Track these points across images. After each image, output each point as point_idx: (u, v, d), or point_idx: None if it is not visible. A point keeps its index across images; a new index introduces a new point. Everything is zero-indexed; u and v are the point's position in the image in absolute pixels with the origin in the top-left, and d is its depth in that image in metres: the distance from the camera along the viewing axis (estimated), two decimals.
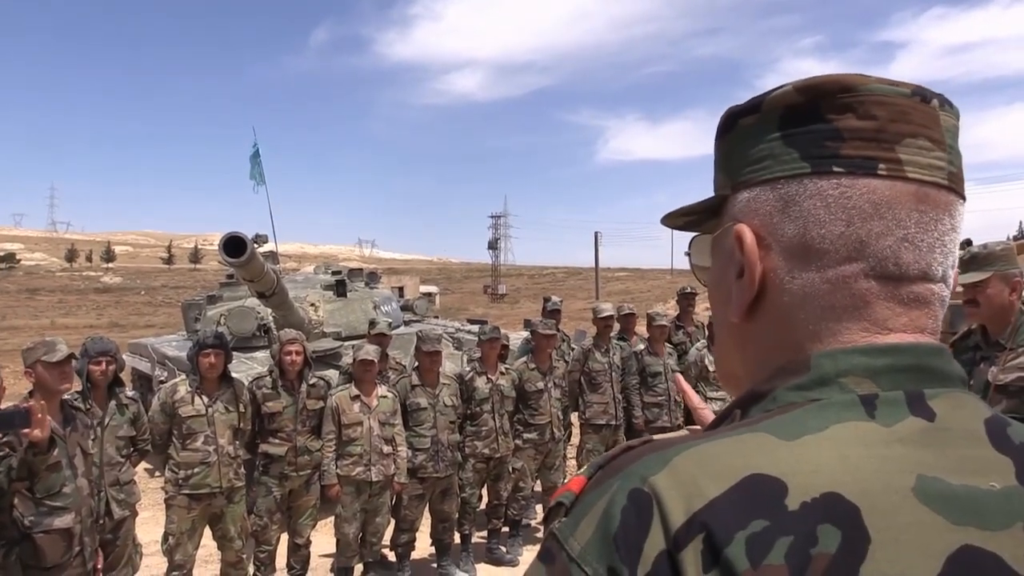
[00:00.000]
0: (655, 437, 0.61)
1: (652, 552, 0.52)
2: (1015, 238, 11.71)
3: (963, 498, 0.53)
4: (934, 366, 0.61)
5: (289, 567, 5.40)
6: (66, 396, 4.06)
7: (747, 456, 0.54)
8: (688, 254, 0.79)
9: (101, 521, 4.36)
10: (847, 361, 0.60)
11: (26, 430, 3.34)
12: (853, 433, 0.55)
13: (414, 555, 5.74)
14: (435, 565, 5.81)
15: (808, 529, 0.51)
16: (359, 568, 5.54)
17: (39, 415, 3.31)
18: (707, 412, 0.97)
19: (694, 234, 0.78)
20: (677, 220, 0.76)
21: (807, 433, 0.55)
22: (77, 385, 4.49)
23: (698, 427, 0.98)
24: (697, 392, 7.05)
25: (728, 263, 0.67)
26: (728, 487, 0.53)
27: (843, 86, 0.62)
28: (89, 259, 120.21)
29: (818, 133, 0.62)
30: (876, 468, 0.54)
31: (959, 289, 3.75)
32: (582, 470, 0.62)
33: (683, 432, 0.64)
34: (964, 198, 0.64)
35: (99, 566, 4.21)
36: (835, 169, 0.61)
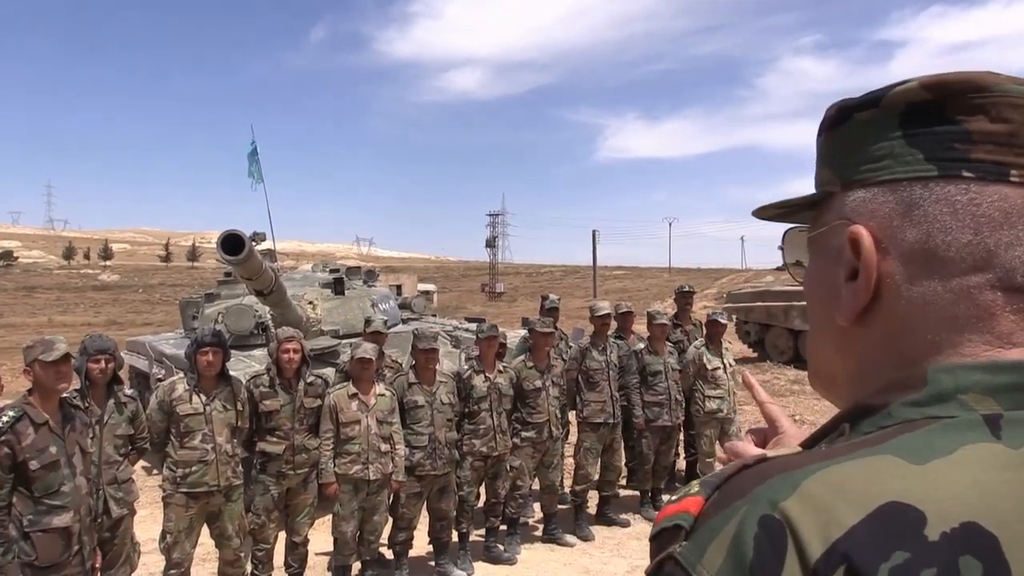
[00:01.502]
0: (768, 454, 0.59)
1: None
2: None
3: None
4: None
5: (287, 565, 5.39)
6: (65, 394, 4.06)
7: (880, 482, 0.52)
8: (781, 248, 0.76)
9: (99, 520, 4.35)
10: (967, 377, 0.56)
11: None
12: (983, 456, 0.53)
13: (412, 553, 5.74)
14: (433, 563, 5.80)
15: (950, 561, 0.48)
16: (357, 566, 5.54)
17: None
18: (774, 407, 0.94)
19: (788, 227, 0.75)
20: (769, 212, 0.73)
21: (936, 456, 0.53)
22: (76, 383, 4.48)
23: (762, 425, 0.95)
24: (695, 391, 7.11)
25: (836, 263, 0.64)
26: (865, 515, 0.50)
27: (975, 85, 0.59)
28: (87, 257, 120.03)
29: (946, 134, 0.59)
30: (1009, 493, 0.51)
31: None
32: (695, 489, 0.59)
33: (794, 449, 0.61)
34: None
35: (97, 565, 4.21)
36: (964, 174, 0.58)
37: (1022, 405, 0.55)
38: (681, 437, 7.39)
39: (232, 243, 5.85)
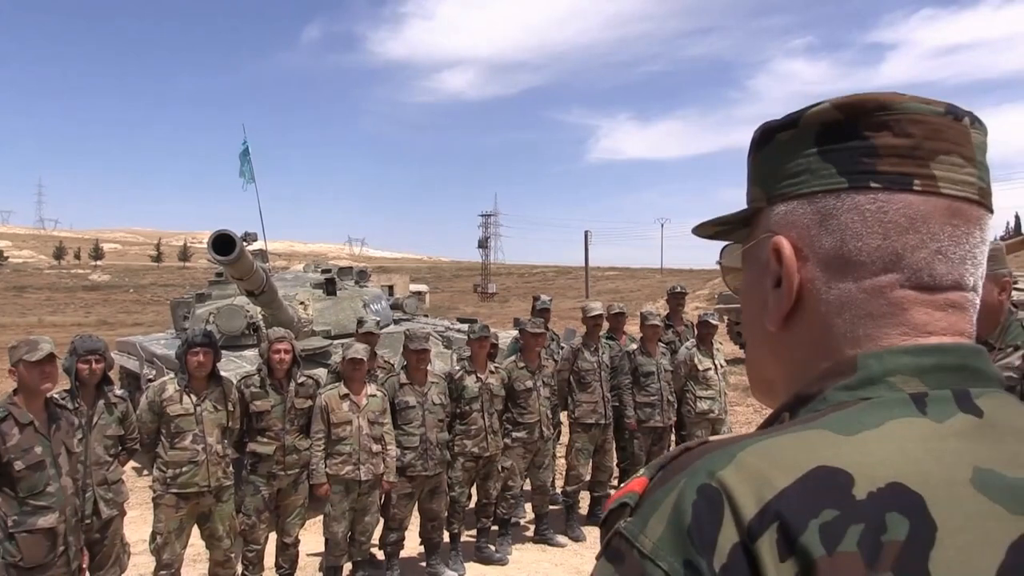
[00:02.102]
0: (713, 439, 0.62)
1: (727, 544, 0.53)
2: (1003, 238, 11.77)
3: (1018, 489, 0.55)
4: (977, 366, 0.63)
5: (277, 566, 5.38)
6: (53, 395, 4.04)
7: (811, 450, 0.56)
8: (720, 263, 0.81)
9: (88, 521, 4.33)
10: (894, 361, 0.62)
11: None
12: (908, 428, 0.57)
13: (403, 554, 5.72)
14: (424, 564, 5.79)
15: (877, 517, 0.53)
16: (348, 567, 5.53)
17: None
18: None
19: (724, 244, 0.80)
20: (708, 230, 0.78)
21: (865, 429, 0.57)
22: (65, 383, 4.46)
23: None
24: (686, 392, 7.10)
25: (763, 273, 0.69)
26: (797, 478, 0.54)
27: (880, 104, 0.64)
28: (77, 257, 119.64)
29: (855, 149, 0.64)
30: (935, 460, 0.55)
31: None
32: (641, 472, 0.63)
33: (736, 434, 0.64)
34: (992, 211, 0.67)
35: (84, 565, 4.19)
36: (872, 184, 0.64)
37: (946, 384, 0.60)
38: (673, 438, 7.39)
39: (223, 243, 5.83)
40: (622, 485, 0.64)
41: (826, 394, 0.62)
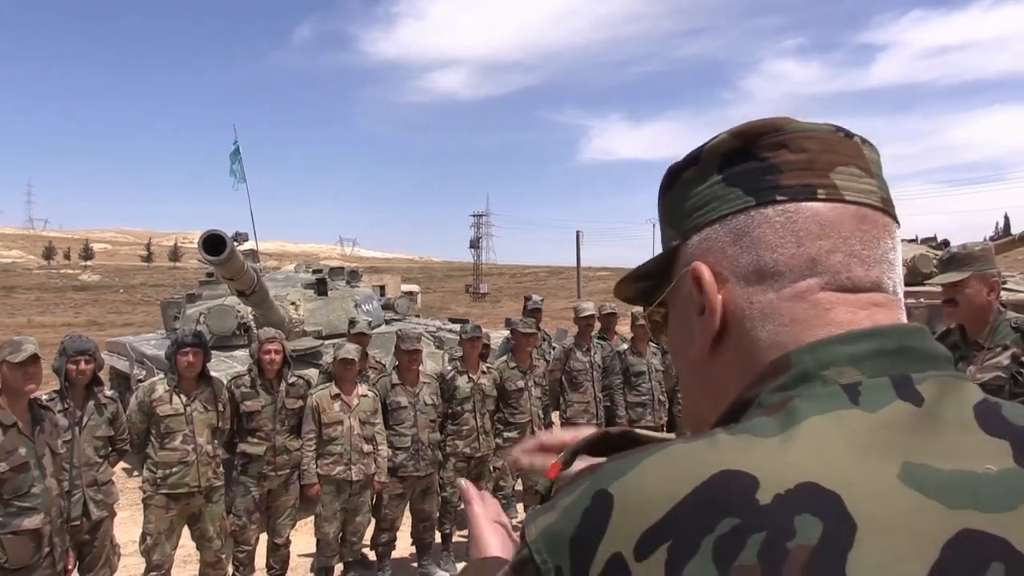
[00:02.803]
0: (637, 431, 0.62)
1: (606, 554, 0.51)
2: (992, 239, 11.84)
3: (956, 482, 0.51)
4: (918, 346, 0.60)
5: (268, 567, 5.37)
6: (42, 396, 4.02)
7: (719, 454, 0.53)
8: (645, 316, 0.79)
9: (77, 522, 4.32)
10: (827, 352, 0.59)
11: None
12: (835, 422, 0.54)
13: (394, 554, 5.72)
14: (415, 564, 5.80)
15: (783, 522, 0.48)
16: (339, 568, 5.52)
17: None
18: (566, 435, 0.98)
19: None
20: (631, 288, 0.77)
21: (786, 428, 0.54)
22: (53, 384, 4.44)
23: None
24: (677, 392, 7.12)
25: (688, 305, 0.68)
26: (696, 486, 0.51)
27: (774, 127, 0.66)
28: (67, 257, 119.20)
29: (758, 170, 0.65)
30: (858, 456, 0.52)
31: (938, 289, 3.79)
32: (560, 455, 0.62)
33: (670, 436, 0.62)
34: (898, 223, 0.67)
35: (70, 567, 4.17)
36: (778, 198, 0.64)
37: (884, 370, 0.58)
38: None
39: (213, 243, 5.83)
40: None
41: (761, 398, 0.59)
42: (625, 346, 7.03)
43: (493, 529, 0.94)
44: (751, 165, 0.65)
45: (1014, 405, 0.58)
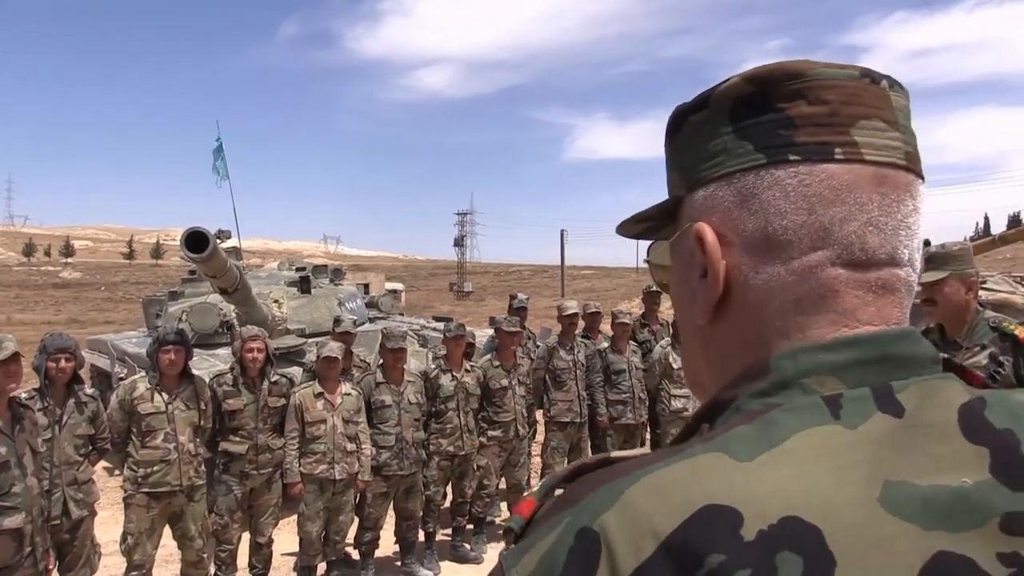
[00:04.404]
0: (613, 455, 0.58)
1: None
2: (973, 239, 11.94)
3: (933, 501, 0.51)
4: (901, 353, 0.58)
5: (251, 566, 5.34)
6: (21, 394, 3.99)
7: (701, 483, 0.51)
8: (648, 261, 0.76)
9: (57, 521, 4.27)
10: (809, 360, 0.57)
11: None
12: (816, 441, 0.52)
13: (378, 553, 5.71)
14: (399, 563, 5.78)
15: (766, 559, 0.48)
16: (322, 567, 5.50)
17: None
18: None
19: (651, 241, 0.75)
20: (633, 228, 0.73)
21: (766, 449, 0.52)
22: (33, 382, 4.40)
23: None
24: (660, 390, 7.14)
25: (690, 265, 0.64)
26: (681, 522, 0.49)
27: (791, 73, 0.60)
28: (47, 254, 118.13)
29: (771, 123, 0.60)
30: (841, 480, 0.51)
31: (917, 289, 3.82)
32: (533, 491, 0.59)
33: (643, 450, 0.60)
34: (923, 178, 0.63)
35: (51, 567, 4.14)
36: (791, 158, 0.59)
37: (865, 381, 0.56)
38: (648, 436, 7.43)
39: (196, 240, 5.80)
40: (527, 482, 0.60)
41: (739, 402, 0.58)
42: (606, 344, 7.05)
43: None
44: (765, 117, 0.60)
45: (1001, 400, 0.57)
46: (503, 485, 6.65)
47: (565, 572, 0.50)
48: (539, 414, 7.10)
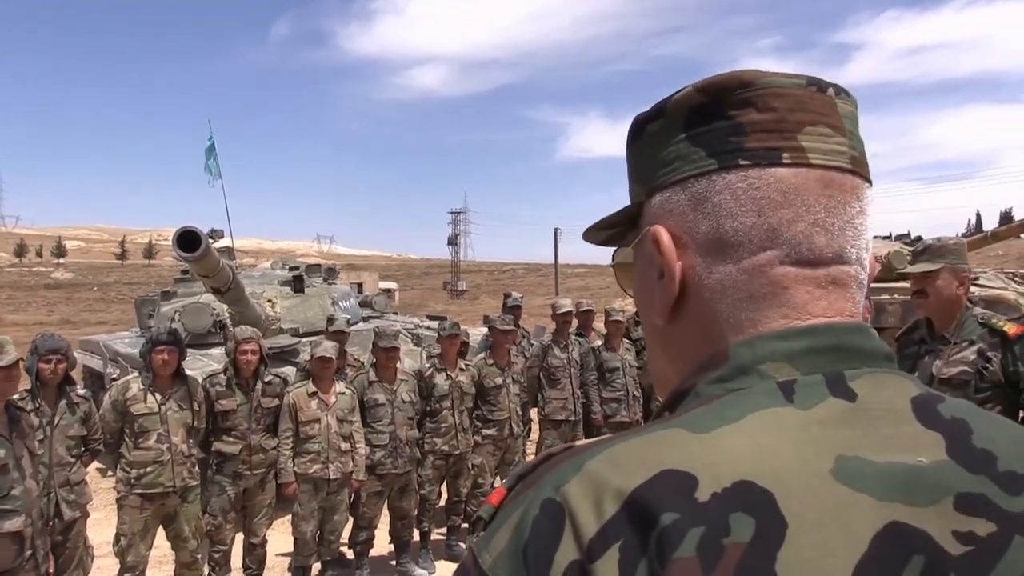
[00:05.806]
0: (577, 443, 0.60)
1: (564, 561, 0.51)
2: (965, 235, 11.98)
3: (888, 475, 0.53)
4: (854, 345, 0.60)
5: (245, 567, 5.33)
6: (13, 396, 3.97)
7: (658, 453, 0.54)
8: (613, 266, 0.79)
9: (51, 523, 4.26)
10: (765, 348, 0.60)
11: None
12: (769, 419, 0.55)
13: (373, 553, 5.71)
14: (394, 563, 5.78)
15: (719, 519, 0.50)
16: (317, 567, 5.50)
17: None
18: None
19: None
20: (599, 235, 0.76)
21: (722, 424, 0.55)
22: (26, 383, 4.38)
23: None
24: (652, 388, 7.15)
25: (649, 267, 0.67)
26: (639, 484, 0.52)
27: (741, 82, 0.63)
28: (39, 254, 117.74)
29: (722, 130, 0.63)
30: (792, 452, 0.53)
31: (908, 285, 3.83)
32: (504, 481, 0.61)
33: (605, 436, 0.62)
34: (870, 182, 0.65)
35: (51, 570, 4.12)
36: (741, 162, 0.62)
37: (818, 368, 0.58)
38: None
39: (188, 240, 5.79)
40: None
41: (699, 388, 0.61)
42: (599, 342, 7.06)
43: None
44: (717, 124, 0.63)
45: (953, 401, 0.60)
46: (498, 484, 6.64)
47: (531, 543, 0.53)
48: (533, 412, 7.09)
